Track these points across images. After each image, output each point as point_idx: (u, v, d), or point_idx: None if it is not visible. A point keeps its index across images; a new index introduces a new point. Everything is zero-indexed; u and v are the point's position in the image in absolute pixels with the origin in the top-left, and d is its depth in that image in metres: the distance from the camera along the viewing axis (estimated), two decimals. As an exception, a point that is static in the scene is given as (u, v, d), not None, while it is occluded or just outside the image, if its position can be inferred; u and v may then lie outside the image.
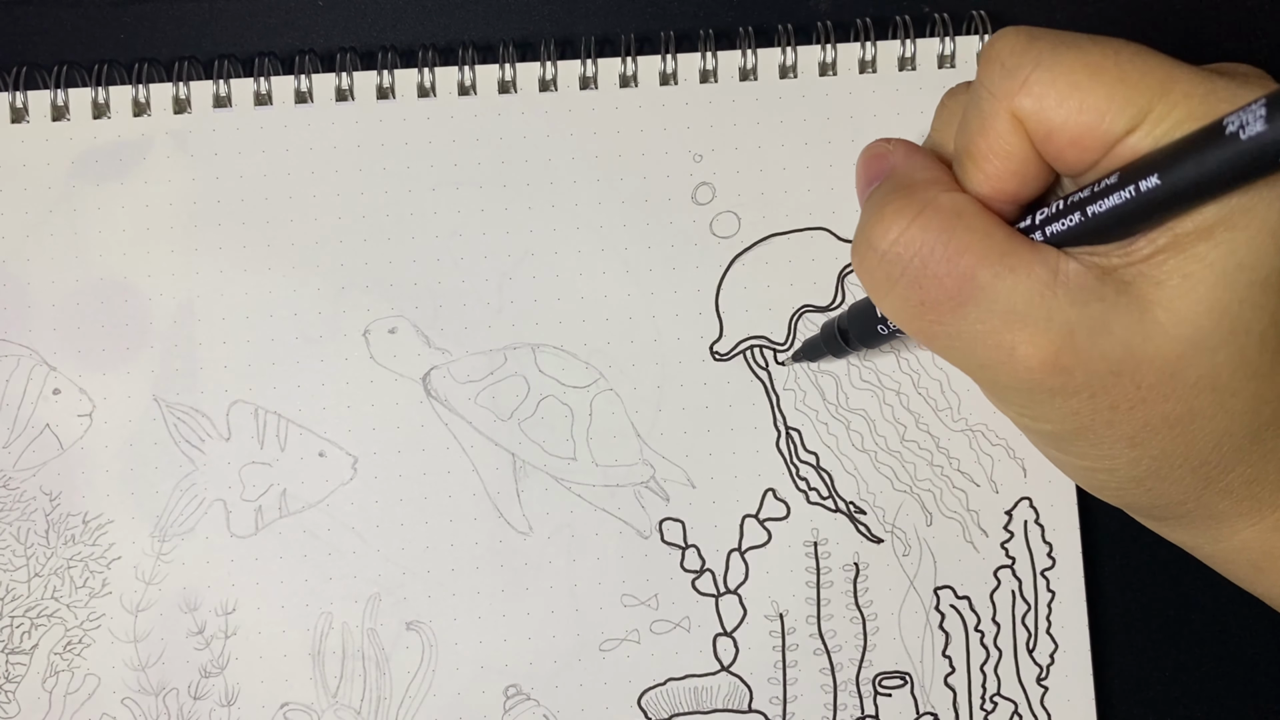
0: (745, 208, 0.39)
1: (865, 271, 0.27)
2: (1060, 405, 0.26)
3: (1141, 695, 0.40)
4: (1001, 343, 0.25)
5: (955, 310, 0.26)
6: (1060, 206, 0.25)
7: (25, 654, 0.38)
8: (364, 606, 0.38)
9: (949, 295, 0.26)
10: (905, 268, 0.26)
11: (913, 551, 0.38)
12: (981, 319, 0.25)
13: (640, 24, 0.40)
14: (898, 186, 0.27)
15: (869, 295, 0.28)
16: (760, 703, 0.38)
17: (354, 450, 0.38)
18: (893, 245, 0.26)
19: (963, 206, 0.26)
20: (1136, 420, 0.26)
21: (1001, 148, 0.26)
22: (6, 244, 0.38)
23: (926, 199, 0.26)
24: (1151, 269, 0.24)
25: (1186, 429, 0.26)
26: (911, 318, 0.27)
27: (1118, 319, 0.24)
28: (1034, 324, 0.25)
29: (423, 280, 0.38)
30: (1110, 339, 0.25)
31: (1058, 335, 0.25)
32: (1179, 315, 0.24)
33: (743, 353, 0.39)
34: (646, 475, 0.38)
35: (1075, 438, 0.27)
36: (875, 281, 0.27)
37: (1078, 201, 0.25)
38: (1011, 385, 0.26)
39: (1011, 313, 0.25)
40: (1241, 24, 0.40)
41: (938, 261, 0.26)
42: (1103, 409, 0.26)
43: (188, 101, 0.38)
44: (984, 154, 0.26)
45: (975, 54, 0.39)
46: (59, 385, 0.38)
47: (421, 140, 0.38)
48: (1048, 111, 0.24)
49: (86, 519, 0.38)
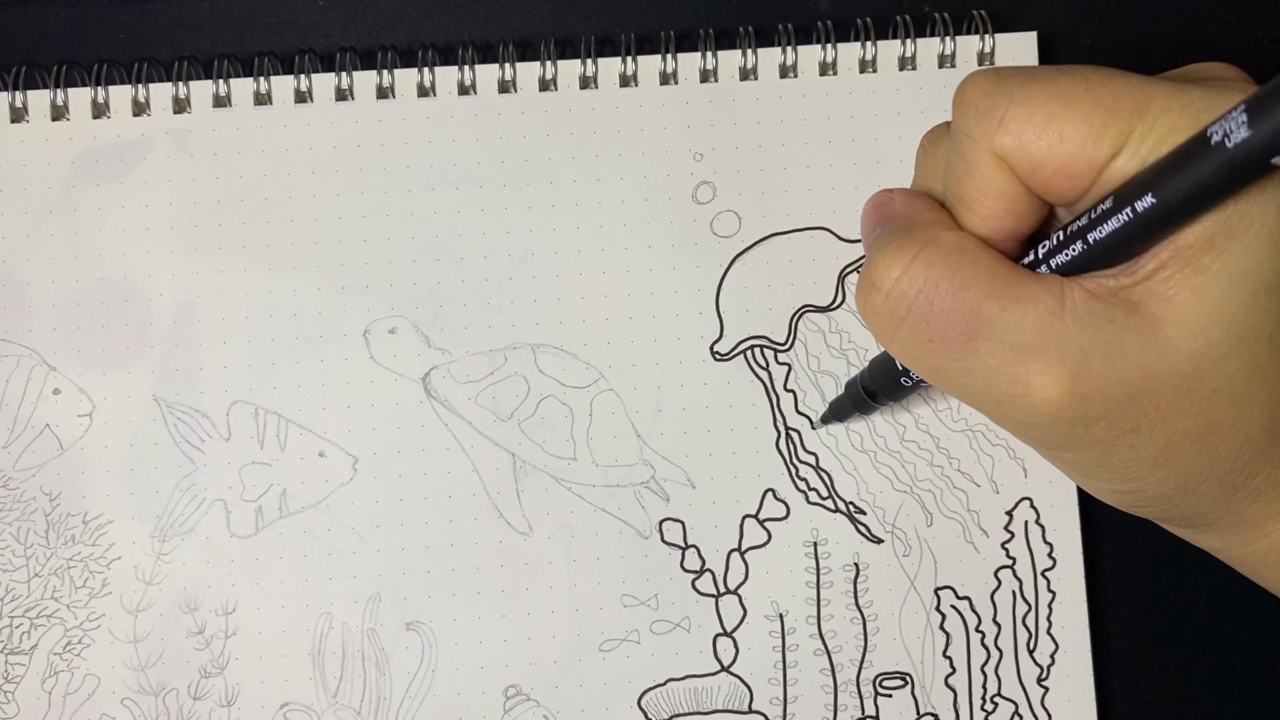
0: (745, 207, 0.39)
1: (871, 313, 0.27)
2: (1082, 434, 0.26)
3: (1141, 695, 0.39)
4: (1016, 376, 0.25)
5: (965, 345, 0.26)
6: (1061, 238, 0.26)
7: (25, 654, 0.38)
8: (364, 606, 0.38)
9: (957, 330, 0.25)
10: (911, 305, 0.26)
11: (913, 552, 0.38)
12: (992, 352, 0.25)
13: (640, 24, 0.40)
14: (899, 227, 0.27)
15: (876, 338, 0.28)
16: (760, 703, 0.38)
17: (354, 450, 0.38)
18: (896, 283, 0.26)
19: (965, 243, 0.26)
20: (1159, 440, 0.26)
21: (990, 189, 0.26)
22: (6, 244, 0.38)
23: (928, 236, 0.26)
24: (1158, 285, 0.24)
25: (1208, 441, 0.26)
26: (921, 356, 0.26)
27: (1130, 341, 0.24)
28: (1046, 354, 0.25)
29: (423, 280, 0.38)
30: (1125, 362, 0.24)
31: (1072, 363, 0.25)
32: (1190, 329, 0.24)
33: (743, 353, 0.39)
34: (646, 475, 0.38)
35: (1099, 464, 0.27)
36: (882, 322, 0.27)
37: (1077, 230, 0.25)
38: (1031, 420, 0.26)
39: (1022, 344, 0.25)
40: (1241, 24, 0.40)
41: (943, 296, 0.26)
42: (1124, 433, 0.26)
43: (187, 101, 0.38)
44: (974, 197, 0.26)
45: (975, 54, 0.39)
46: (59, 385, 0.38)
47: (421, 140, 0.38)
48: (1029, 146, 0.25)
49: (86, 519, 0.38)
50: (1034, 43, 0.39)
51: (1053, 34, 0.40)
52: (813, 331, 0.38)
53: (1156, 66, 0.42)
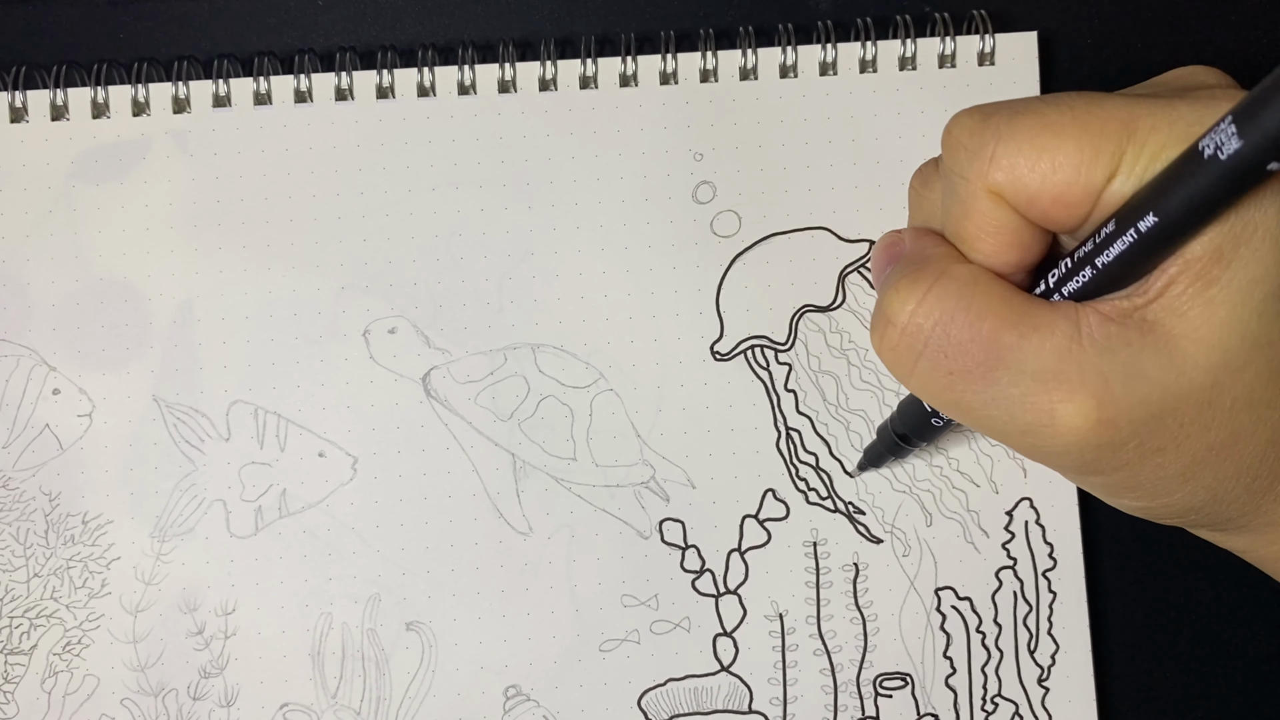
0: (746, 207, 0.39)
1: (888, 349, 0.27)
2: (1110, 459, 0.26)
3: (1142, 696, 0.39)
4: (1039, 405, 0.25)
5: (986, 376, 0.25)
6: (1069, 265, 0.26)
7: (24, 654, 0.38)
8: (364, 607, 0.38)
9: (977, 362, 0.25)
10: (928, 339, 0.26)
11: (913, 552, 0.38)
12: (1014, 382, 0.25)
13: (640, 24, 0.40)
14: (910, 263, 0.27)
15: (894, 375, 0.28)
16: (760, 703, 0.38)
17: (354, 450, 0.38)
18: (911, 317, 0.26)
19: (977, 274, 0.26)
20: (1185, 456, 0.26)
21: (990, 225, 0.26)
22: (6, 244, 0.38)
23: (940, 269, 0.26)
24: (1171, 302, 0.24)
25: (1233, 451, 0.26)
26: (942, 390, 0.26)
27: (1149, 361, 0.24)
28: (1068, 381, 0.25)
29: (422, 280, 0.38)
30: (1146, 383, 0.24)
31: (1095, 389, 0.25)
32: (1206, 343, 0.24)
33: (743, 353, 0.39)
34: (646, 475, 0.38)
35: (1127, 485, 0.27)
36: (899, 358, 0.27)
37: (1085, 256, 0.25)
38: (1058, 449, 0.26)
39: (1043, 372, 0.25)
40: (1242, 24, 0.40)
41: (960, 328, 0.25)
42: (1150, 453, 0.25)
43: (187, 101, 0.38)
44: (976, 236, 0.26)
45: (975, 54, 0.39)
46: (59, 385, 0.38)
47: (421, 140, 0.38)
48: (1022, 180, 0.25)
49: (86, 519, 0.38)
50: (1034, 43, 0.39)
51: (1053, 34, 0.40)
52: (813, 331, 0.38)
53: (1156, 66, 0.42)
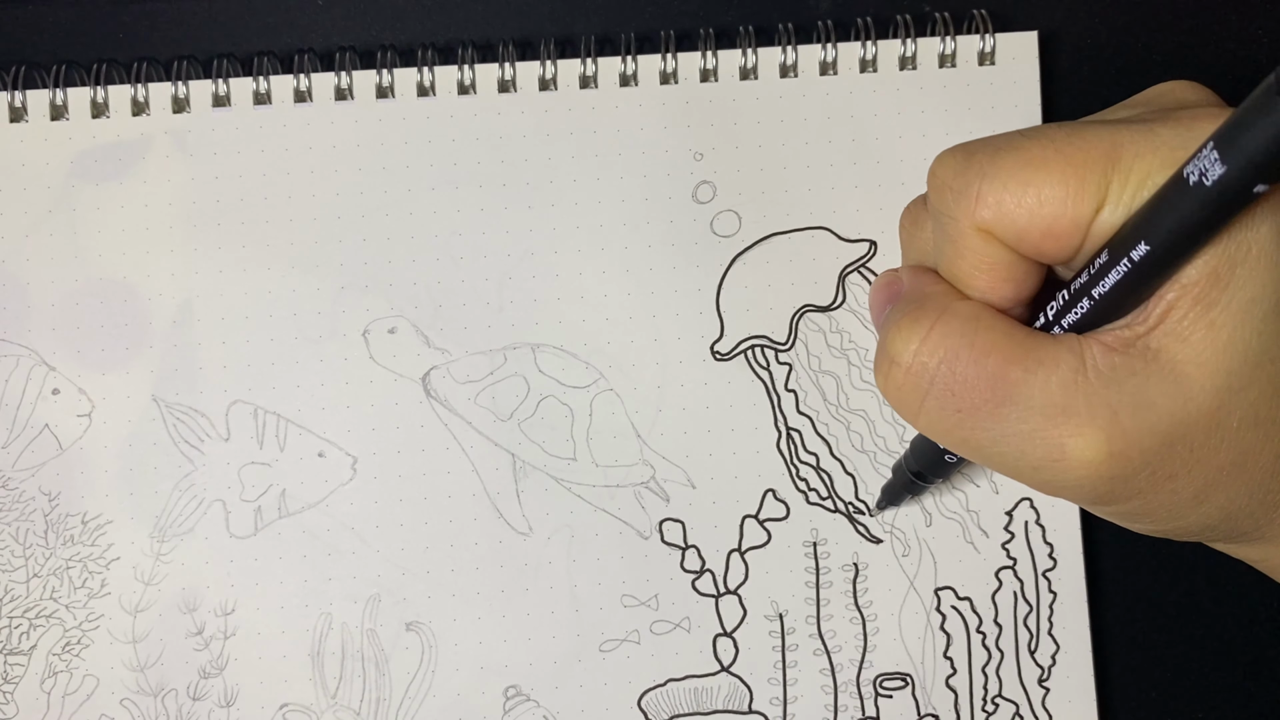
0: (746, 207, 0.39)
1: (893, 389, 0.27)
2: (1122, 488, 0.26)
3: (1142, 696, 0.39)
4: (1049, 440, 0.25)
5: (994, 413, 0.25)
6: (1066, 297, 0.26)
7: (24, 655, 0.37)
8: (363, 607, 0.38)
9: (984, 398, 0.25)
10: (934, 377, 0.26)
11: (912, 552, 0.38)
12: (1022, 418, 0.25)
13: (640, 23, 0.40)
14: (910, 301, 0.27)
15: (901, 415, 0.27)
16: (760, 703, 0.38)
17: (353, 450, 0.38)
18: (916, 355, 0.26)
19: (979, 311, 0.26)
20: (1197, 481, 0.26)
21: (983, 263, 0.26)
22: (6, 244, 0.38)
23: (942, 306, 0.26)
24: (1172, 327, 0.24)
25: (1243, 470, 0.26)
26: (951, 429, 0.26)
27: (1155, 389, 0.24)
28: (1076, 415, 0.25)
29: (422, 280, 0.38)
30: (1154, 412, 0.24)
31: (1104, 422, 0.24)
32: (1210, 366, 0.24)
33: (743, 352, 0.39)
34: (646, 475, 0.38)
35: (1141, 511, 0.27)
36: (905, 398, 0.27)
37: (1081, 288, 0.25)
38: (1070, 483, 0.26)
39: (1051, 407, 0.25)
40: (1242, 24, 0.40)
41: (965, 364, 0.25)
42: (1163, 480, 0.25)
43: (187, 101, 0.38)
44: (969, 274, 0.26)
45: (975, 54, 0.38)
46: (58, 385, 0.38)
47: (421, 140, 0.38)
48: (1010, 216, 0.25)
49: (85, 519, 0.38)
50: (1034, 43, 0.39)
51: (1053, 34, 0.40)
52: (813, 331, 0.38)
53: (1156, 66, 0.42)
